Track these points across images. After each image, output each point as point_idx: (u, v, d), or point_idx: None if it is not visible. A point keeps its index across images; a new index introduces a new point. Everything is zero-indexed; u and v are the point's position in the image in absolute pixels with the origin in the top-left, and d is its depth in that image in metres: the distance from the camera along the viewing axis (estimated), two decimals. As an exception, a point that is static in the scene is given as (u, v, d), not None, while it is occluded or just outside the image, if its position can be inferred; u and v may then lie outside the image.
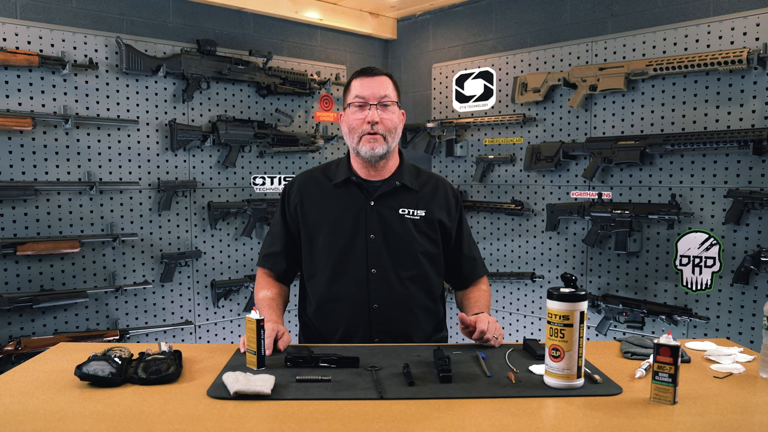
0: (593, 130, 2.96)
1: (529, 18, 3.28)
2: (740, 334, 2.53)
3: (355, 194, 1.70)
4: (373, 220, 1.67)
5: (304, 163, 3.53)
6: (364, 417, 1.12)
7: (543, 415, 1.15)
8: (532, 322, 3.29)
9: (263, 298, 1.69)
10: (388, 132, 1.64)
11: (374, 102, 1.63)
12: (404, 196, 1.70)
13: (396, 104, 1.68)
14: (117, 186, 2.82)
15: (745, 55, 2.37)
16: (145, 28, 2.95)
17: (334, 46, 3.75)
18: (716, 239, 2.57)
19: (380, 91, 1.64)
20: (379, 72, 1.67)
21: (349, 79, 1.71)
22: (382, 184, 1.70)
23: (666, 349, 1.18)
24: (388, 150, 1.65)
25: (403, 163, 1.75)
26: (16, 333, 2.59)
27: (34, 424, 1.10)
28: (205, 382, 1.30)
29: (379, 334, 1.66)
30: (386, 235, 1.66)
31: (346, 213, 1.68)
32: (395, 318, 1.67)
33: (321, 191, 1.73)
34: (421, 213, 1.70)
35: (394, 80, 1.71)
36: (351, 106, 1.66)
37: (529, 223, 3.26)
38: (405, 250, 1.67)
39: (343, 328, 1.68)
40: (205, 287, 3.18)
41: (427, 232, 1.70)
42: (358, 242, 1.66)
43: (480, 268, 1.82)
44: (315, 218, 1.71)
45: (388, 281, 1.66)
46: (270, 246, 1.79)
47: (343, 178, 1.70)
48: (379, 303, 1.65)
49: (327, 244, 1.69)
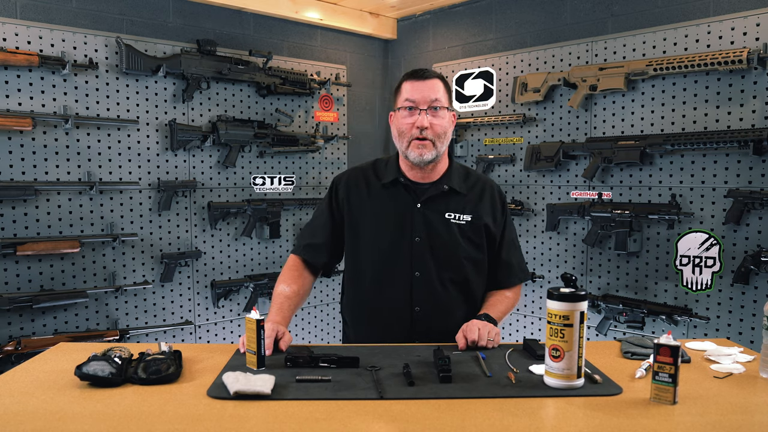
0: (593, 130, 2.96)
1: (529, 18, 3.28)
2: (740, 334, 2.53)
3: (403, 195, 1.69)
4: (419, 223, 1.66)
5: (304, 163, 3.53)
6: (364, 417, 1.12)
7: (543, 415, 1.15)
8: (532, 322, 3.29)
9: (280, 293, 1.66)
10: (437, 137, 1.62)
11: (424, 107, 1.61)
12: (451, 200, 1.69)
13: (446, 108, 1.65)
14: (117, 186, 2.82)
15: (745, 55, 2.37)
16: (145, 28, 2.94)
17: (334, 46, 3.75)
18: (716, 239, 2.57)
19: (431, 95, 1.61)
20: (430, 75, 1.64)
21: (400, 80, 1.68)
22: (431, 187, 1.69)
23: (666, 349, 1.18)
24: (437, 155, 1.64)
25: (453, 166, 1.74)
26: (16, 333, 2.59)
27: (34, 424, 1.10)
28: (205, 382, 1.30)
29: (419, 336, 1.66)
30: (431, 238, 1.66)
31: (392, 213, 1.68)
32: (436, 321, 1.66)
33: (369, 189, 1.72)
34: (467, 218, 1.69)
35: (446, 82, 1.68)
36: (401, 110, 1.64)
37: (529, 223, 3.26)
38: (449, 254, 1.66)
39: (385, 328, 1.67)
40: (205, 287, 3.18)
41: (472, 237, 1.69)
42: (403, 244, 1.66)
43: (515, 275, 1.78)
44: (361, 215, 1.70)
45: (432, 285, 1.65)
46: (312, 237, 1.77)
47: (391, 178, 1.70)
48: (421, 306, 1.65)
49: (371, 244, 1.68)
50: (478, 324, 1.56)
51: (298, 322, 3.58)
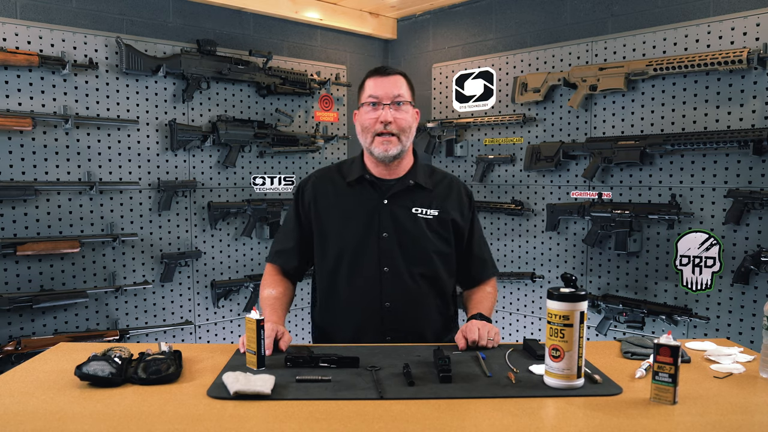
0: (593, 130, 2.96)
1: (529, 18, 3.28)
2: (740, 334, 2.53)
3: (369, 193, 1.70)
4: (386, 219, 1.67)
5: (304, 163, 3.53)
6: (364, 417, 1.12)
7: (543, 415, 1.15)
8: (532, 322, 3.29)
9: (267, 297, 1.68)
10: (402, 131, 1.63)
11: (387, 102, 1.62)
12: (418, 195, 1.70)
13: (410, 103, 1.67)
14: (117, 186, 2.82)
15: (745, 55, 2.37)
16: (145, 28, 2.94)
17: (334, 46, 3.75)
18: (716, 239, 2.57)
19: (394, 90, 1.63)
20: (393, 71, 1.66)
21: (363, 78, 1.70)
22: (396, 183, 1.70)
23: (666, 349, 1.18)
24: (402, 150, 1.65)
25: (418, 162, 1.75)
26: (16, 333, 2.59)
27: (34, 424, 1.10)
28: (205, 382, 1.30)
29: (390, 333, 1.66)
30: (399, 233, 1.66)
31: (359, 211, 1.68)
32: (407, 316, 1.67)
33: (335, 189, 1.73)
34: (434, 212, 1.69)
35: (408, 79, 1.70)
36: (364, 106, 1.66)
37: (529, 223, 3.26)
38: (418, 248, 1.67)
39: (355, 326, 1.68)
40: (205, 287, 3.18)
41: (440, 232, 1.70)
42: (370, 241, 1.66)
43: (489, 270, 1.81)
44: (328, 216, 1.71)
45: (401, 279, 1.66)
46: (282, 243, 1.78)
47: (356, 176, 1.70)
48: (391, 301, 1.65)
49: (339, 243, 1.69)
50: (478, 324, 1.56)
51: (298, 322, 3.58)
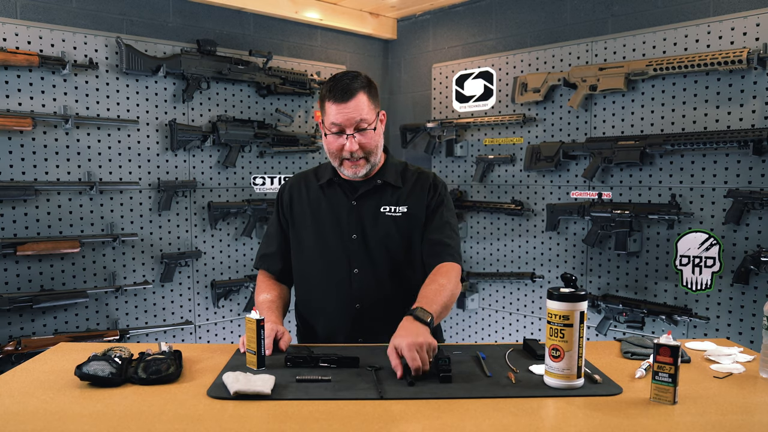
0: (593, 130, 2.96)
1: (529, 18, 3.28)
2: (740, 334, 2.53)
3: (338, 194, 1.70)
4: (354, 220, 1.67)
5: (304, 163, 3.53)
6: (364, 417, 1.12)
7: (543, 415, 1.15)
8: (532, 322, 3.29)
9: (263, 301, 1.69)
10: (369, 153, 1.61)
11: (350, 131, 1.57)
12: (386, 194, 1.69)
13: (374, 122, 1.61)
14: (117, 186, 2.82)
15: (745, 55, 2.37)
16: (145, 28, 2.94)
17: (334, 46, 3.75)
18: (716, 239, 2.57)
19: (355, 116, 1.55)
20: (352, 92, 1.55)
21: (323, 95, 1.61)
22: (364, 183, 1.69)
23: (666, 349, 1.18)
24: (372, 167, 1.65)
25: (388, 161, 1.73)
26: (16, 333, 2.59)
27: (34, 424, 1.10)
28: (205, 382, 1.30)
29: (362, 334, 1.66)
30: (367, 234, 1.66)
31: (330, 214, 1.69)
32: (377, 317, 1.66)
33: (308, 192, 1.74)
34: (402, 209, 1.67)
35: (369, 91, 1.60)
36: (328, 135, 1.60)
37: (529, 223, 3.26)
38: (385, 248, 1.66)
39: (327, 327, 1.70)
40: (205, 287, 3.18)
41: (410, 229, 1.68)
42: (341, 243, 1.67)
43: (443, 253, 1.62)
44: (302, 219, 1.73)
45: (370, 281, 1.66)
46: (266, 247, 1.80)
47: (326, 179, 1.71)
48: (361, 303, 1.66)
49: (312, 245, 1.70)
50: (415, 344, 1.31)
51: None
